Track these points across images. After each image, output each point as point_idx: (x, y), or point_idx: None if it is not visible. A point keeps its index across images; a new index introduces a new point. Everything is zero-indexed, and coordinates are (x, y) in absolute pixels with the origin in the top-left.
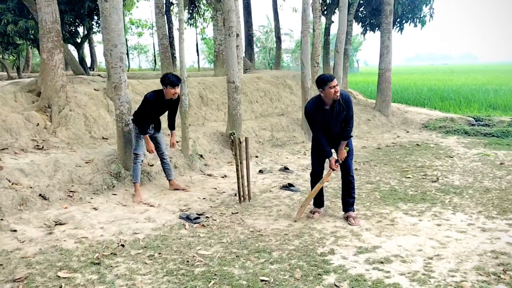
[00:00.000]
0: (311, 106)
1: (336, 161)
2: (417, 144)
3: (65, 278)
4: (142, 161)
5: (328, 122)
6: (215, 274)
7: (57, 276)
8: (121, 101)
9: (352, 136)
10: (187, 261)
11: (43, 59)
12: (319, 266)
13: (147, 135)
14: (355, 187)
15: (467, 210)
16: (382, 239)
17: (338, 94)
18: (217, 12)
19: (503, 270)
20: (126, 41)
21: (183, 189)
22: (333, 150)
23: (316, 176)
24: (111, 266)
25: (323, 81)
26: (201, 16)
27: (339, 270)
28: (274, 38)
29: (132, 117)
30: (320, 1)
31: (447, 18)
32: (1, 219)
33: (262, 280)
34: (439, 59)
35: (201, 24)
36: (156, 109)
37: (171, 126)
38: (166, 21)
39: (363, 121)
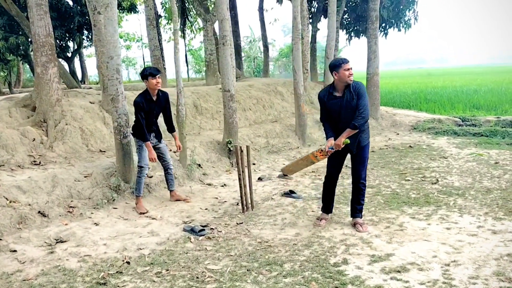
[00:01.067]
0: (323, 92)
1: (331, 147)
2: (410, 146)
3: None
4: (146, 174)
5: (339, 111)
6: None
7: None
8: (119, 113)
9: (361, 130)
10: (197, 277)
11: (37, 73)
12: (334, 278)
13: (149, 143)
14: (365, 195)
15: (473, 212)
16: (394, 246)
17: (352, 77)
18: (207, 22)
19: None
20: None
21: (184, 200)
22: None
23: (330, 179)
24: (118, 286)
25: (337, 63)
26: (189, 27)
27: (356, 282)
28: (258, 48)
29: (132, 131)
30: (307, 10)
31: (420, 24)
32: (0, 239)
33: None
34: (415, 63)
35: (188, 35)
36: (148, 110)
37: (171, 129)
38: (157, 33)
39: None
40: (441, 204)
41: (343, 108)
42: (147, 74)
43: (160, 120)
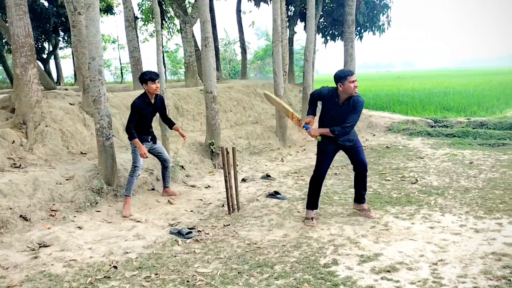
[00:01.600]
0: (326, 90)
1: (307, 127)
2: (387, 146)
3: None
4: (138, 175)
5: (335, 117)
6: None
7: None
8: (101, 114)
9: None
10: (188, 281)
11: (16, 75)
12: (326, 279)
13: (137, 140)
14: None
15: (454, 211)
16: (381, 246)
17: (357, 89)
18: (186, 24)
19: (511, 273)
20: None
21: (178, 195)
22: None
23: (320, 179)
24: None
25: (343, 75)
26: (166, 28)
27: (348, 282)
28: (233, 50)
29: (126, 130)
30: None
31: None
32: None
33: None
34: (384, 67)
35: (166, 37)
36: (147, 113)
37: (170, 124)
38: (136, 35)
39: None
40: (423, 203)
41: (339, 117)
42: (147, 78)
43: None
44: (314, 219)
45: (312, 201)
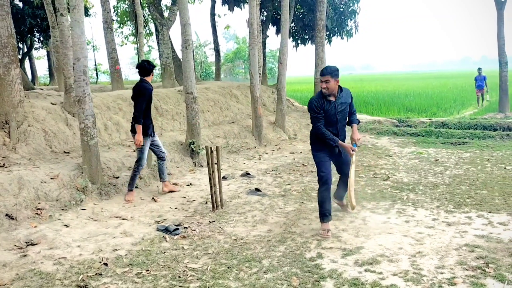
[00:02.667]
0: (315, 99)
1: (355, 145)
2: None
3: None
4: (140, 171)
5: (330, 114)
6: None
7: None
8: (86, 114)
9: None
10: (179, 277)
11: None
12: (313, 272)
13: (140, 126)
14: None
15: (426, 205)
16: (362, 239)
17: (325, 89)
18: (163, 27)
19: (484, 263)
20: None
21: (175, 191)
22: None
23: (326, 185)
24: None
25: None
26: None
27: (334, 275)
28: (204, 53)
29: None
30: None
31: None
32: None
33: None
34: (345, 70)
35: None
36: (149, 100)
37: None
38: (113, 36)
39: (303, 125)
40: (396, 198)
41: (333, 115)
42: (151, 68)
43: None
44: (329, 231)
45: (325, 211)
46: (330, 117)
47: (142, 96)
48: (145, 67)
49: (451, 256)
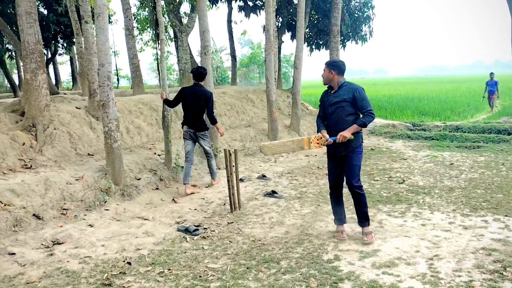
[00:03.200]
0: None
1: (334, 138)
2: (371, 148)
3: None
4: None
5: (327, 105)
6: None
7: None
8: (109, 118)
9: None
10: (200, 276)
11: (26, 80)
12: (330, 273)
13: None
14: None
15: (442, 209)
16: (379, 242)
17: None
18: (182, 33)
19: (502, 267)
20: None
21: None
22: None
23: (331, 190)
24: (124, 287)
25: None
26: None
27: (352, 277)
28: (220, 58)
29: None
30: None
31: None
32: None
33: None
34: (357, 74)
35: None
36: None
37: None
38: (134, 42)
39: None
40: (412, 202)
41: (330, 106)
42: (205, 74)
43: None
44: (343, 232)
45: (334, 214)
46: (325, 109)
47: (210, 101)
48: (201, 73)
49: (468, 259)
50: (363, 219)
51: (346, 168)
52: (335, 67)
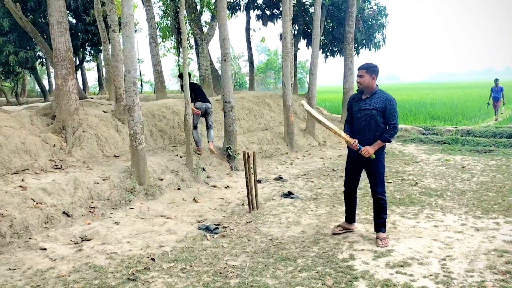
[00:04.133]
0: (351, 97)
1: (360, 146)
2: (385, 152)
3: None
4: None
5: (357, 111)
6: (251, 286)
7: None
8: (135, 121)
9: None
10: (220, 273)
11: (57, 85)
12: (346, 272)
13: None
14: (386, 209)
15: (454, 211)
16: (392, 242)
17: (359, 84)
18: (203, 41)
19: None
20: None
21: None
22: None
23: (345, 191)
24: (148, 282)
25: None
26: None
27: (366, 276)
28: (237, 64)
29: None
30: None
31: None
32: (30, 238)
33: None
34: None
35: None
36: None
37: None
38: (158, 50)
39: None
40: (424, 204)
41: (359, 111)
42: None
43: None
44: (344, 228)
45: (346, 212)
46: (354, 113)
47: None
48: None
49: (480, 260)
50: (381, 226)
51: (370, 175)
52: (374, 70)
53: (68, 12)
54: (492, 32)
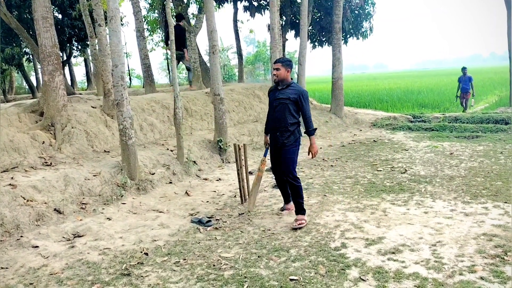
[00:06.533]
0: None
1: (265, 153)
2: (374, 140)
3: None
4: None
5: (272, 100)
6: (245, 277)
7: None
8: (124, 116)
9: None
10: (214, 265)
11: (44, 81)
12: (338, 261)
13: None
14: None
15: (443, 197)
16: (383, 230)
17: (275, 76)
18: (191, 34)
19: (503, 251)
20: None
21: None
22: None
23: (275, 178)
24: (142, 276)
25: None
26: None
27: (358, 264)
28: (226, 56)
29: None
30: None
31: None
32: (21, 236)
33: (291, 280)
34: (358, 69)
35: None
36: None
37: None
38: (145, 44)
39: (322, 122)
40: (414, 191)
41: (274, 100)
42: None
43: None
44: (285, 209)
45: (282, 195)
46: (271, 103)
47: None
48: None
49: (470, 245)
50: (298, 208)
51: (281, 158)
52: (288, 64)
53: (53, 7)
54: (478, 19)
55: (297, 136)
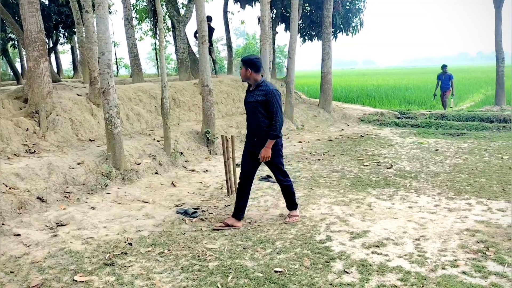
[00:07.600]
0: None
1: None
2: (361, 135)
3: (83, 282)
4: None
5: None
6: (230, 268)
7: (74, 280)
8: (110, 105)
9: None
10: (198, 256)
11: (29, 67)
12: (323, 253)
13: None
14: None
15: (428, 192)
16: (368, 224)
17: (241, 75)
18: (180, 23)
19: (485, 247)
20: None
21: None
22: None
23: (242, 176)
24: (125, 266)
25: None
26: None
27: (343, 256)
28: (216, 48)
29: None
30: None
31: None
32: (3, 224)
33: (276, 272)
34: (347, 64)
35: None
36: None
37: None
38: (134, 32)
39: (310, 117)
40: (399, 186)
41: (246, 104)
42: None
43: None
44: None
45: (240, 208)
46: (244, 106)
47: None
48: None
49: (453, 240)
50: (291, 204)
51: (270, 166)
52: (248, 63)
53: None
54: (466, 18)
55: (279, 141)
